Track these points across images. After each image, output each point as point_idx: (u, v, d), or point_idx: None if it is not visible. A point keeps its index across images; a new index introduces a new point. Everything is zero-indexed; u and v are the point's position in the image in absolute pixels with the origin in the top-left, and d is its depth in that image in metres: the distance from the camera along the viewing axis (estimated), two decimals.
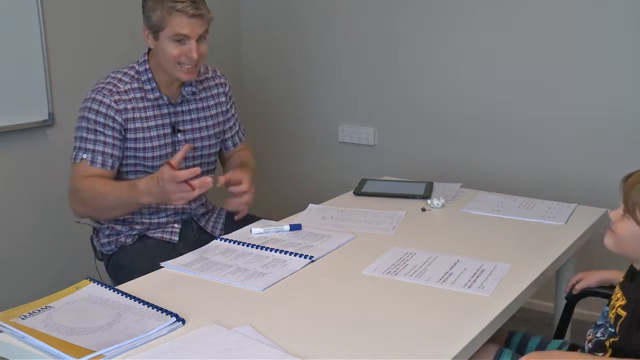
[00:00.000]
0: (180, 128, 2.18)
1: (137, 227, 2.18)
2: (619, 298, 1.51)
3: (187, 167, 2.20)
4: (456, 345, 1.33)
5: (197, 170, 1.84)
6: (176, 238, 2.18)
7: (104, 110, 2.05)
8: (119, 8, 2.96)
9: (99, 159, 2.06)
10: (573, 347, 1.68)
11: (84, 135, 2.07)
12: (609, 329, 1.49)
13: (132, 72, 2.13)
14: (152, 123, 2.12)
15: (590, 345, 1.54)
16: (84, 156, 2.06)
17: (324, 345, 1.34)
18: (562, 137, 2.91)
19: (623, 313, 1.46)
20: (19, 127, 2.66)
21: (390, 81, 3.29)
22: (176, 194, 1.85)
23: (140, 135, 2.10)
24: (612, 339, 1.47)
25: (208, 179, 1.85)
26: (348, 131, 3.46)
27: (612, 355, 1.46)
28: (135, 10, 2.11)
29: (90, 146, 2.06)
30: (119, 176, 2.15)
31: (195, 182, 1.83)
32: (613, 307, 1.51)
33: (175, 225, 2.21)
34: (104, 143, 2.06)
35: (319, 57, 3.48)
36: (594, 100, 2.82)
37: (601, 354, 1.49)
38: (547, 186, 2.92)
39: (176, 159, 1.88)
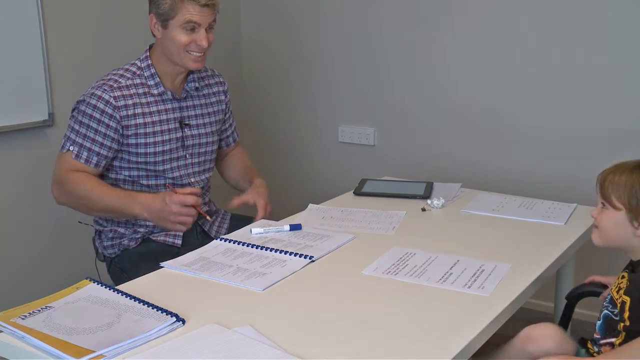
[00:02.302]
0: (187, 123, 2.18)
1: (141, 230, 2.17)
2: (621, 283, 1.55)
3: (192, 163, 2.22)
4: (456, 346, 1.33)
5: (199, 191, 2.03)
6: (179, 242, 2.18)
7: (101, 106, 2.04)
8: (119, 8, 2.95)
9: (85, 154, 2.06)
10: (583, 341, 1.68)
11: (76, 127, 2.07)
12: (614, 310, 1.54)
13: (133, 69, 2.13)
14: (156, 118, 2.11)
15: (600, 320, 1.57)
16: (71, 148, 2.07)
17: (324, 345, 1.34)
18: (562, 137, 2.91)
19: (627, 298, 1.50)
20: (19, 127, 2.66)
21: (390, 81, 3.29)
22: (178, 217, 1.98)
23: (143, 130, 2.09)
24: (621, 324, 1.51)
25: (199, 191, 2.03)
26: (348, 131, 3.46)
27: (626, 338, 1.49)
28: (136, 10, 2.11)
29: (79, 139, 2.06)
30: (113, 171, 2.15)
31: (186, 192, 2.00)
32: (618, 289, 1.55)
33: None
34: (93, 140, 2.05)
35: (319, 57, 3.48)
36: (594, 100, 2.82)
37: (611, 340, 1.52)
38: (547, 186, 2.92)
39: (182, 191, 2.02)
